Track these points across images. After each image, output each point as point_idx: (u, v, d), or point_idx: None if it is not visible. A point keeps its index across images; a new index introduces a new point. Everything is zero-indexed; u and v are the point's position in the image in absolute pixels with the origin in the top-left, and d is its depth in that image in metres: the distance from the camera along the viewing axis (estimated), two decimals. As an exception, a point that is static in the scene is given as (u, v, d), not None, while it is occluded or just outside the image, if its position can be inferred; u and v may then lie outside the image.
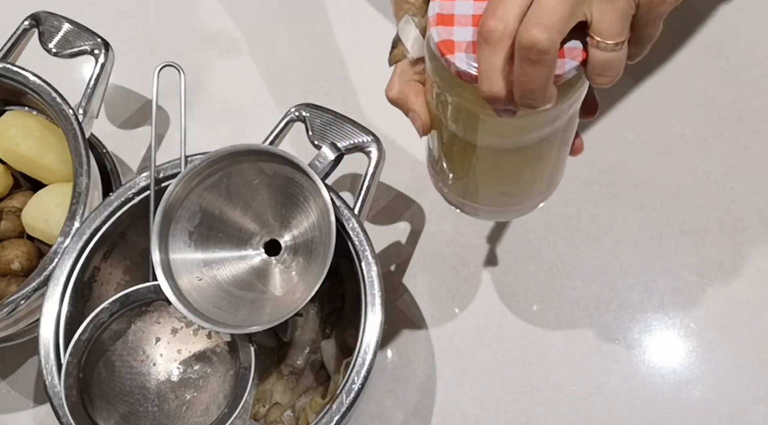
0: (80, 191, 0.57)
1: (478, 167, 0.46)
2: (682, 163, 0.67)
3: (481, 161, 0.45)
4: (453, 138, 0.44)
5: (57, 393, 0.51)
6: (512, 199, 0.50)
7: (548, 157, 0.46)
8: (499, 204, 0.51)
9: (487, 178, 0.47)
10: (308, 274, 0.52)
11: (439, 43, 0.37)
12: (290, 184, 0.53)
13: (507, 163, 0.45)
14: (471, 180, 0.48)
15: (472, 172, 0.47)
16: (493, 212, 0.53)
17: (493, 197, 0.50)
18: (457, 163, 0.47)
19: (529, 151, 0.44)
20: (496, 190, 0.49)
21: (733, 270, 0.63)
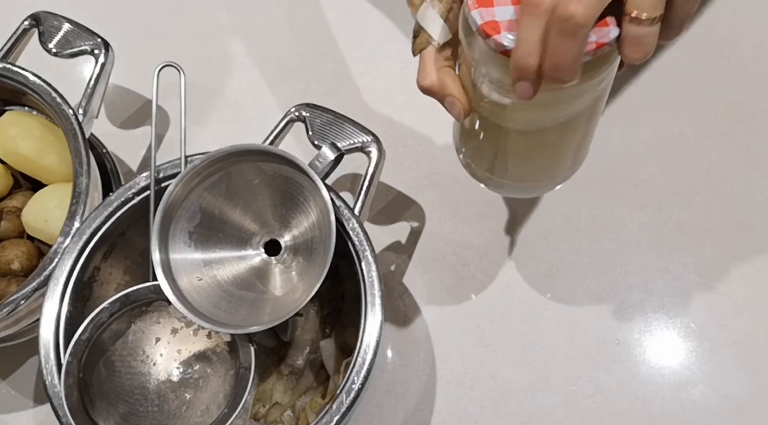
0: (80, 191, 0.57)
1: (507, 145, 0.47)
2: (682, 163, 0.67)
3: (511, 140, 0.46)
4: (485, 118, 0.45)
5: (57, 393, 0.51)
6: (538, 175, 0.51)
7: (575, 136, 0.47)
8: (525, 179, 0.52)
9: (515, 156, 0.48)
10: (308, 274, 0.52)
11: (484, 25, 0.37)
12: (290, 184, 0.53)
13: (536, 141, 0.46)
14: (500, 157, 0.49)
15: (503, 150, 0.48)
16: (519, 188, 0.54)
17: (520, 173, 0.51)
18: (487, 141, 0.48)
19: (559, 130, 0.45)
20: (523, 167, 0.50)
21: (733, 270, 0.63)
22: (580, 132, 0.47)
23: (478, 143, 0.49)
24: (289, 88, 0.74)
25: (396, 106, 0.71)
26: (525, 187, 0.54)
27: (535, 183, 0.53)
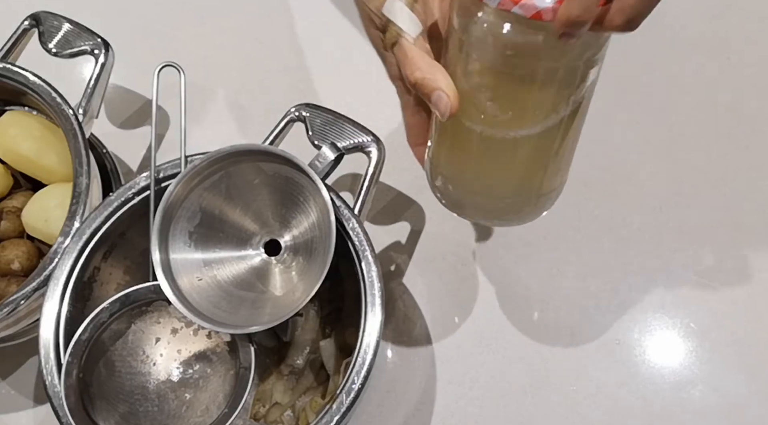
0: (80, 191, 0.57)
1: (491, 155, 0.46)
2: (682, 163, 0.67)
3: (496, 147, 0.45)
4: (469, 122, 0.44)
5: (57, 393, 0.51)
6: (520, 193, 0.50)
7: (558, 144, 0.46)
8: (506, 198, 0.50)
9: (500, 170, 0.47)
10: (308, 274, 0.52)
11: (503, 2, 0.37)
12: (290, 184, 0.53)
13: (522, 149, 0.45)
14: (482, 171, 0.48)
15: (485, 162, 0.47)
16: (499, 210, 0.52)
17: (502, 190, 0.50)
18: (469, 152, 0.47)
19: (543, 136, 0.44)
20: (507, 182, 0.49)
21: (733, 270, 0.63)
22: (561, 140, 0.46)
23: (458, 157, 0.48)
24: (289, 88, 0.74)
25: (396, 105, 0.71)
26: (505, 209, 0.51)
27: (515, 203, 0.51)
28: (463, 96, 0.43)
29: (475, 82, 0.43)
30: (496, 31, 0.39)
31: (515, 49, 0.40)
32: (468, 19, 0.40)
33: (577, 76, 0.42)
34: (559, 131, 0.45)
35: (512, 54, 0.40)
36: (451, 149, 0.48)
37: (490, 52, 0.41)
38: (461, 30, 0.41)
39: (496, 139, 0.44)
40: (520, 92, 0.42)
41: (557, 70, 0.41)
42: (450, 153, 0.48)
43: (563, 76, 0.41)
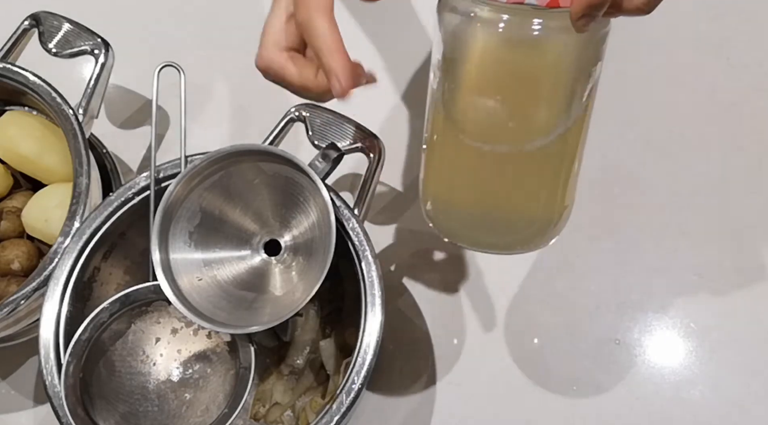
0: (80, 191, 0.57)
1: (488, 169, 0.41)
2: (682, 163, 0.67)
3: (490, 161, 0.41)
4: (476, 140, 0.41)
5: (57, 393, 0.51)
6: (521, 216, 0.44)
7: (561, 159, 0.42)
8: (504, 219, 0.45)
9: (496, 185, 0.43)
10: (308, 274, 0.52)
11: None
12: (290, 184, 0.53)
13: (519, 162, 0.41)
14: (478, 188, 0.43)
15: (482, 178, 0.42)
16: (500, 234, 0.45)
17: (501, 210, 0.44)
18: (465, 168, 0.42)
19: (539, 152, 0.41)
20: (520, 204, 0.44)
21: (733, 270, 0.63)
22: (577, 145, 0.42)
23: (464, 181, 0.43)
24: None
25: (396, 105, 0.71)
26: (524, 234, 0.45)
27: (535, 225, 0.45)
28: (467, 112, 0.40)
29: (478, 92, 0.39)
30: (502, 29, 0.36)
31: (529, 45, 0.37)
32: (465, 23, 0.38)
33: (588, 70, 0.39)
34: (579, 134, 0.41)
35: (525, 51, 0.37)
36: (455, 175, 0.43)
37: (498, 53, 0.38)
38: (452, 37, 0.39)
39: (509, 154, 0.40)
40: (534, 94, 0.39)
41: (570, 64, 0.38)
42: (453, 179, 0.43)
43: (576, 70, 0.38)
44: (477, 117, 0.40)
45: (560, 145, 0.40)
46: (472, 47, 0.39)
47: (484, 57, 0.38)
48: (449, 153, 0.42)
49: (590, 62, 0.39)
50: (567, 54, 0.37)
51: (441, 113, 0.41)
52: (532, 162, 0.40)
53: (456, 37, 0.39)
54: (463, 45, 0.39)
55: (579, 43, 0.37)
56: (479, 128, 0.40)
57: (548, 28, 0.36)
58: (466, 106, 0.40)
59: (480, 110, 0.40)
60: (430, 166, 0.44)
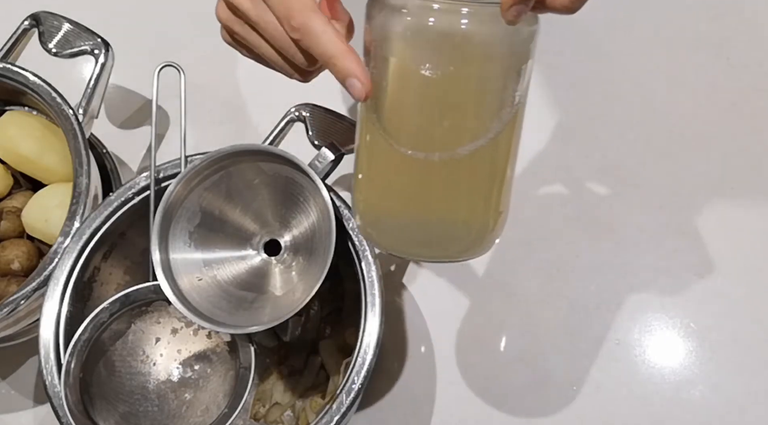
0: (80, 191, 0.57)
1: (419, 174, 0.40)
2: (682, 163, 0.67)
3: (442, 172, 0.39)
4: (409, 147, 0.39)
5: (57, 393, 0.51)
6: (457, 221, 0.42)
7: (490, 165, 0.40)
8: (454, 232, 0.42)
9: (447, 194, 0.41)
10: (308, 274, 0.52)
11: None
12: (290, 184, 0.53)
13: (450, 168, 0.39)
14: (431, 203, 0.41)
15: (433, 192, 0.40)
16: (436, 241, 0.43)
17: (436, 218, 0.42)
18: (416, 183, 0.40)
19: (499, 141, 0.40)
20: (454, 211, 0.42)
21: (733, 270, 0.63)
22: (511, 147, 0.41)
23: (398, 191, 0.41)
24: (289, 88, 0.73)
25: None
26: (460, 241, 0.43)
27: (472, 232, 0.42)
28: (400, 120, 0.39)
29: (406, 95, 0.38)
30: (432, 21, 0.35)
31: (460, 40, 0.36)
32: (395, 18, 0.37)
33: (518, 68, 0.38)
34: (511, 138, 0.40)
35: (457, 47, 0.36)
36: (386, 184, 0.41)
37: (429, 50, 0.37)
38: (382, 34, 0.38)
39: (440, 161, 0.39)
40: (464, 95, 0.38)
41: (500, 61, 0.37)
42: (387, 189, 0.42)
43: (506, 68, 0.37)
44: (406, 122, 0.39)
45: (492, 150, 0.39)
46: (402, 46, 0.38)
47: (413, 56, 0.37)
48: (379, 161, 0.41)
49: (520, 60, 0.38)
50: (496, 49, 0.37)
51: (370, 119, 0.40)
52: (465, 168, 0.39)
53: (386, 35, 0.38)
54: (392, 44, 0.38)
55: (508, 38, 0.37)
56: (409, 134, 0.39)
57: (478, 19, 0.35)
58: (395, 111, 0.39)
59: (409, 115, 0.39)
60: (361, 174, 0.42)
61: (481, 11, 0.35)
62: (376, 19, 0.38)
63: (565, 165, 0.67)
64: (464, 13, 0.35)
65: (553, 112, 0.70)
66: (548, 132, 0.69)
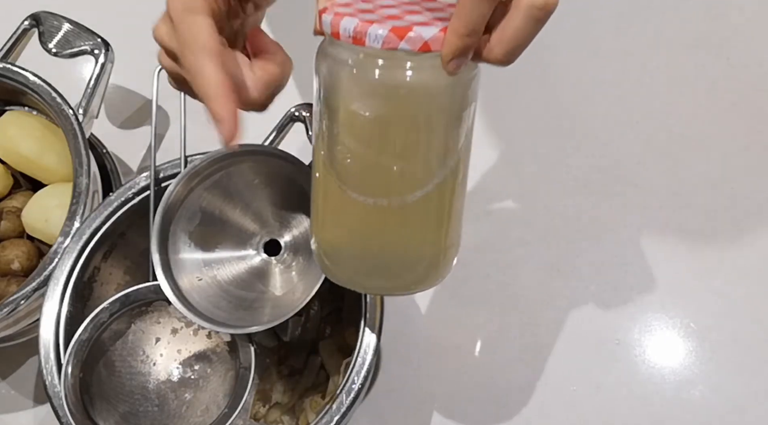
0: (80, 191, 0.57)
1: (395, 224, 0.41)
2: (682, 163, 0.67)
3: (394, 215, 0.41)
4: (358, 193, 0.40)
5: (57, 393, 0.51)
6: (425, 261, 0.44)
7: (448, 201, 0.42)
8: (407, 271, 0.44)
9: (399, 236, 0.43)
10: (308, 274, 0.52)
11: (393, 30, 0.36)
12: (290, 184, 0.53)
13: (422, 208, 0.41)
14: (381, 246, 0.43)
15: (383, 234, 0.42)
16: (401, 285, 0.45)
17: (401, 263, 0.44)
18: (368, 226, 0.42)
19: (447, 182, 0.41)
20: (406, 252, 0.44)
21: (733, 270, 0.63)
22: (460, 184, 0.42)
23: (352, 232, 0.43)
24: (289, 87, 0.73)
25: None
26: (414, 277, 0.44)
27: (426, 267, 0.44)
28: (349, 168, 0.40)
29: (354, 145, 0.39)
30: (377, 75, 0.37)
31: (403, 91, 0.38)
32: (342, 70, 0.39)
33: (460, 113, 0.40)
34: (457, 177, 0.41)
35: (399, 99, 0.38)
36: (338, 222, 0.43)
37: (375, 101, 0.38)
38: (329, 85, 0.40)
39: (389, 206, 0.40)
40: (409, 144, 0.39)
41: (443, 108, 0.39)
42: (339, 225, 0.43)
43: (452, 113, 0.39)
44: (354, 170, 0.40)
45: (439, 194, 0.41)
46: (348, 97, 0.39)
47: (359, 107, 0.39)
48: (332, 199, 0.42)
49: (462, 106, 0.39)
50: (439, 98, 0.39)
51: (321, 161, 0.42)
52: (413, 211, 0.41)
53: (333, 86, 0.40)
54: (340, 94, 0.40)
55: (450, 87, 0.38)
56: (357, 181, 0.41)
57: (421, 72, 0.37)
58: (343, 158, 0.40)
59: (357, 164, 0.40)
60: (316, 209, 0.44)
61: (423, 63, 0.37)
62: (323, 70, 0.40)
63: (565, 165, 0.67)
64: (408, 66, 0.37)
65: (553, 112, 0.70)
66: (548, 132, 0.69)
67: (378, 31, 0.36)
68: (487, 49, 0.36)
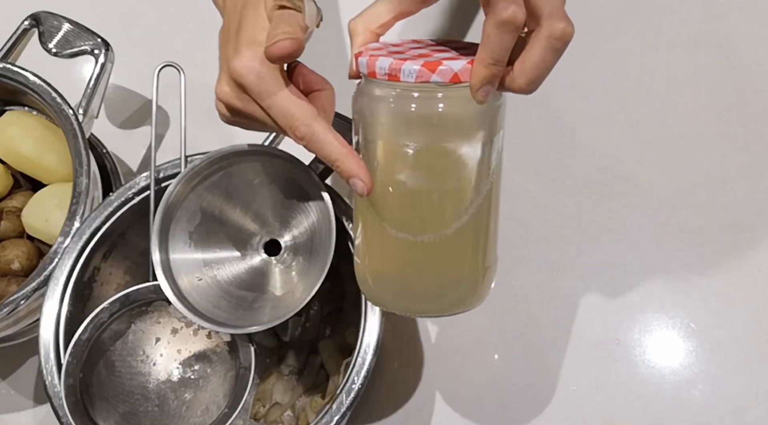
0: (80, 191, 0.57)
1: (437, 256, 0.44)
2: (682, 163, 0.67)
3: (437, 248, 0.43)
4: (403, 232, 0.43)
5: (57, 393, 0.51)
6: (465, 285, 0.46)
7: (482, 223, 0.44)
8: (449, 296, 0.46)
9: (440, 267, 0.45)
10: (308, 274, 0.52)
11: (424, 65, 0.39)
12: (290, 184, 0.53)
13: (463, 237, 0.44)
14: (426, 275, 0.45)
15: (428, 266, 0.44)
16: (444, 308, 0.47)
17: (444, 289, 0.46)
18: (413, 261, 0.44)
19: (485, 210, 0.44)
20: (448, 278, 0.46)
21: (733, 270, 0.63)
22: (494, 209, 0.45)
23: (380, 255, 0.46)
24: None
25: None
26: (455, 302, 0.46)
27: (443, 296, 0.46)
28: (388, 205, 0.43)
29: (392, 182, 0.42)
30: (413, 107, 0.40)
31: (437, 120, 0.41)
32: (380, 106, 0.41)
33: (492, 138, 0.42)
34: (490, 205, 0.44)
35: (435, 127, 0.41)
36: (380, 254, 0.46)
37: (412, 132, 0.41)
38: (367, 123, 0.42)
39: (430, 241, 0.43)
40: (449, 169, 0.42)
41: (477, 133, 0.42)
42: (381, 257, 0.46)
43: (482, 139, 0.42)
44: (393, 207, 0.43)
45: (475, 222, 0.43)
46: (386, 131, 0.42)
47: (396, 139, 0.42)
48: (372, 233, 0.45)
49: (492, 132, 0.42)
50: (470, 124, 0.41)
51: (362, 200, 0.44)
52: (451, 243, 0.43)
53: (371, 123, 0.42)
54: (377, 130, 0.42)
55: (479, 115, 0.41)
56: (396, 219, 0.43)
57: (452, 102, 0.40)
58: (383, 196, 0.43)
59: (395, 199, 0.43)
60: (358, 240, 0.47)
61: (454, 94, 0.40)
62: (362, 106, 0.43)
63: (565, 165, 0.67)
64: (439, 97, 0.40)
65: (554, 112, 0.70)
66: (548, 132, 0.69)
67: (412, 67, 0.39)
68: (510, 79, 0.39)
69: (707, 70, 0.69)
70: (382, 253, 0.45)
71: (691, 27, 0.71)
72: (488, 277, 0.46)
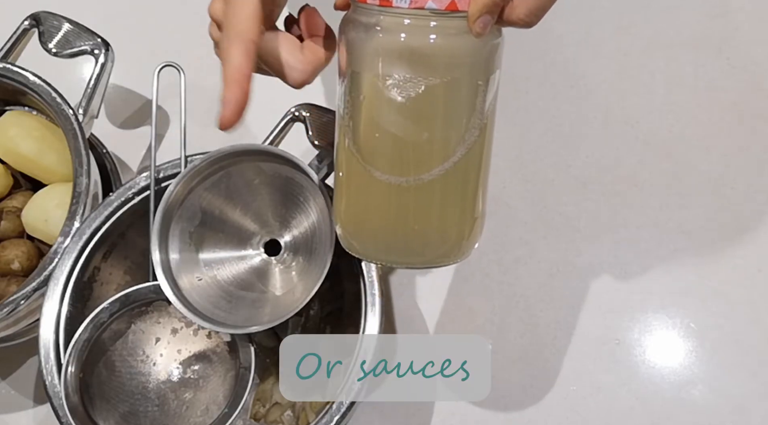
0: (80, 191, 0.57)
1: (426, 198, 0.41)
2: (682, 163, 0.67)
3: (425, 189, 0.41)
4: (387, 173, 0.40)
5: (57, 393, 0.51)
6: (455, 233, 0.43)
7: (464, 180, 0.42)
8: (438, 245, 0.43)
9: (429, 212, 0.42)
10: (308, 274, 0.52)
11: None
12: (290, 184, 0.53)
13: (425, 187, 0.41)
14: (416, 221, 0.42)
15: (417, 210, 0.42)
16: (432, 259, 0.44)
17: (432, 237, 0.43)
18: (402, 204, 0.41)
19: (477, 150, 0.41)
20: (436, 226, 0.43)
21: (733, 270, 0.63)
22: (486, 153, 0.42)
23: (363, 202, 0.43)
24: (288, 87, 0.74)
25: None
26: (420, 252, 0.44)
27: (429, 246, 0.43)
28: (372, 145, 0.40)
29: (379, 119, 0.39)
30: (403, 36, 0.37)
31: (429, 51, 0.38)
32: (369, 35, 0.38)
33: (487, 77, 0.40)
34: (482, 149, 0.42)
35: (427, 58, 0.38)
36: (363, 201, 0.43)
37: (401, 64, 0.38)
38: (354, 54, 0.39)
39: (414, 184, 0.40)
40: (440, 106, 0.39)
41: (470, 70, 0.39)
42: (364, 204, 0.43)
43: (475, 77, 0.39)
44: (378, 147, 0.40)
45: (465, 164, 0.41)
46: (374, 62, 0.39)
47: (385, 72, 0.39)
48: (356, 180, 0.42)
49: (487, 71, 0.39)
50: (463, 60, 0.38)
51: (344, 140, 0.41)
52: (439, 186, 0.41)
53: (359, 54, 0.39)
54: (365, 61, 0.39)
55: (474, 50, 0.38)
56: (381, 159, 0.40)
57: (447, 33, 0.37)
58: (367, 134, 0.40)
59: (380, 138, 0.40)
60: (339, 190, 0.44)
61: (449, 24, 0.37)
62: (349, 36, 0.40)
63: (565, 164, 0.68)
64: (432, 26, 0.37)
65: (553, 112, 0.70)
66: (548, 132, 0.69)
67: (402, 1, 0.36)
68: (509, 8, 0.37)
69: (707, 70, 0.69)
70: (365, 199, 0.42)
71: (691, 27, 0.71)
72: (476, 229, 0.43)
